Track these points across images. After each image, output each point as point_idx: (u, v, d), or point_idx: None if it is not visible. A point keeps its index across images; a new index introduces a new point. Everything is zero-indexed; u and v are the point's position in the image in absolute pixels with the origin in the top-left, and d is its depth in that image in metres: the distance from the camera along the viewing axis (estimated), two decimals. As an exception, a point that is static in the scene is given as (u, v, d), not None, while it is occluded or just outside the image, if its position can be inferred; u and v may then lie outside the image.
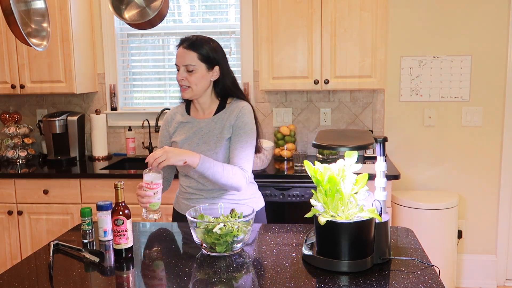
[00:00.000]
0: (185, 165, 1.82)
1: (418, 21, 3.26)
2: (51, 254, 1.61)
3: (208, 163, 1.85)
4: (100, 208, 1.71)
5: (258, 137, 2.04)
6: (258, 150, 2.07)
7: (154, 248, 1.71)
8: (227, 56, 2.12)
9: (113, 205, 1.62)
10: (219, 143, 1.96)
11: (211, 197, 2.00)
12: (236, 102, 2.02)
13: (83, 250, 1.62)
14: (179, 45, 1.98)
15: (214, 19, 3.53)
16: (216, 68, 1.98)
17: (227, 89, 2.03)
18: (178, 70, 1.98)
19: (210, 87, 2.01)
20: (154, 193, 1.77)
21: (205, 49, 1.95)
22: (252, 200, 2.06)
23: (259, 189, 2.16)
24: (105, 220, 1.72)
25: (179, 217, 2.08)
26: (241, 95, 2.06)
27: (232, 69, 2.09)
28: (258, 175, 2.87)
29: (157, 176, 1.78)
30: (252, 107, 2.04)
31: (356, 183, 1.47)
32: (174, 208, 2.15)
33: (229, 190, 1.98)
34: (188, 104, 2.12)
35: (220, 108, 2.03)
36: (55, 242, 1.69)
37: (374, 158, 3.22)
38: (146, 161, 1.80)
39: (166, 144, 2.11)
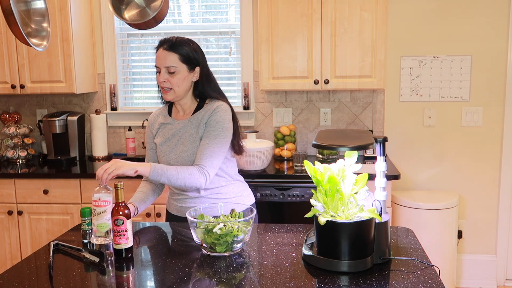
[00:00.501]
0: (136, 174, 1.80)
1: (418, 21, 3.26)
2: (51, 254, 1.61)
3: (160, 170, 1.84)
4: None
5: (237, 137, 2.02)
6: (238, 151, 2.05)
7: (154, 248, 1.71)
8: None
9: (113, 206, 1.62)
10: (195, 143, 1.96)
11: (196, 197, 2.00)
12: (213, 102, 2.01)
13: (83, 250, 1.62)
14: (158, 47, 1.97)
15: (214, 19, 3.53)
16: (197, 69, 1.98)
17: (206, 90, 2.02)
18: (158, 72, 1.96)
19: (191, 88, 2.01)
20: (101, 212, 1.65)
21: (186, 50, 1.95)
22: (238, 198, 2.06)
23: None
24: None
25: (172, 218, 2.09)
26: (219, 96, 2.04)
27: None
28: (258, 175, 2.87)
29: (106, 194, 1.66)
30: (230, 107, 2.02)
31: (356, 183, 1.47)
32: (166, 209, 2.16)
33: (189, 190, 1.99)
34: (170, 105, 2.12)
35: (198, 108, 2.02)
36: (55, 242, 1.69)
37: (374, 158, 3.22)
38: (96, 174, 1.73)
39: (152, 145, 2.12)
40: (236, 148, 2.03)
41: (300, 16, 2.98)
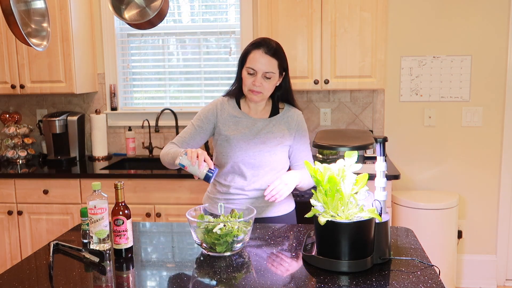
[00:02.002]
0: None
1: (418, 21, 3.26)
2: (51, 254, 1.61)
3: (302, 176, 2.01)
4: None
5: None
6: None
7: (154, 248, 1.71)
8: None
9: (113, 205, 1.62)
10: (278, 146, 2.00)
11: (253, 197, 2.02)
12: (291, 109, 2.08)
13: (83, 250, 1.62)
14: (254, 48, 1.93)
15: (214, 19, 3.53)
16: (284, 74, 2.01)
17: (286, 95, 2.07)
18: (251, 74, 1.93)
19: None
20: (98, 219, 1.62)
21: (284, 58, 1.97)
22: (286, 201, 2.09)
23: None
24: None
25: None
26: (294, 102, 2.10)
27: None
28: (258, 175, 2.87)
29: (101, 201, 1.64)
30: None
31: (356, 183, 1.47)
32: (206, 209, 2.07)
33: None
34: (237, 98, 2.08)
35: (275, 110, 2.06)
36: (55, 242, 1.69)
37: (374, 158, 3.22)
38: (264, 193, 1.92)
39: (203, 129, 2.03)
40: None
41: (300, 16, 2.98)
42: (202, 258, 1.58)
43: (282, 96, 2.07)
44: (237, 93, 2.06)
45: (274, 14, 3.00)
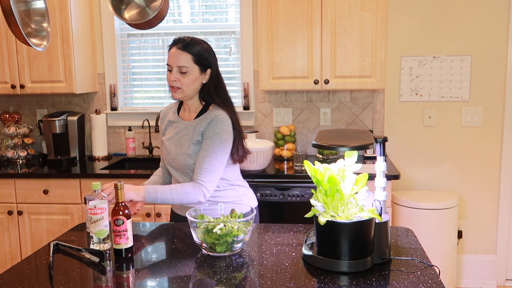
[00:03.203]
0: (131, 201, 1.85)
1: (418, 21, 3.26)
2: (51, 254, 1.61)
3: (153, 194, 1.87)
4: None
5: (236, 146, 1.97)
6: (239, 159, 2.02)
7: (154, 248, 1.71)
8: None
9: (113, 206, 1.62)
10: (189, 148, 1.95)
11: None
12: (214, 110, 1.97)
13: (83, 250, 1.62)
14: (172, 45, 1.97)
15: (214, 19, 3.53)
16: (208, 71, 1.97)
17: (212, 94, 1.99)
18: (169, 70, 1.97)
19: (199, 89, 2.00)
20: (98, 219, 1.63)
21: (199, 51, 1.93)
22: (239, 202, 2.04)
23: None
24: None
25: (176, 218, 2.09)
26: (224, 102, 2.00)
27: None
28: (258, 175, 2.87)
29: (101, 201, 1.64)
30: (234, 114, 1.99)
31: (356, 183, 1.47)
32: (171, 209, 2.16)
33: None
34: (181, 103, 2.12)
35: (202, 112, 2.00)
36: (55, 242, 1.69)
37: (374, 158, 3.22)
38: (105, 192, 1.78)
39: (162, 133, 2.13)
40: (236, 157, 2.00)
41: (300, 16, 2.98)
42: (202, 258, 1.58)
43: (207, 95, 1.99)
44: None
45: (274, 14, 3.00)
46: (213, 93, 1.99)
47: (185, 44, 1.93)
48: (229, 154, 1.96)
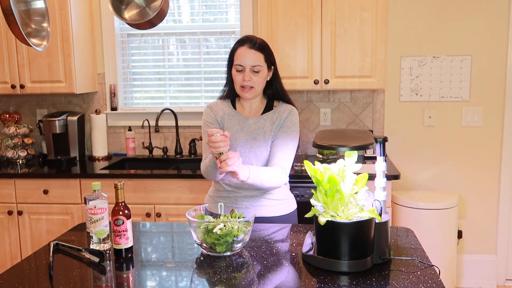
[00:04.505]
0: (234, 176, 1.79)
1: (418, 21, 3.26)
2: (51, 254, 1.61)
3: (257, 174, 1.85)
4: None
5: (298, 142, 2.09)
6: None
7: (154, 248, 1.71)
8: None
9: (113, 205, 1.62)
10: (267, 141, 2.00)
11: (250, 196, 2.02)
12: (285, 105, 2.07)
13: (83, 250, 1.62)
14: (239, 45, 1.99)
15: (214, 19, 3.53)
16: (272, 68, 2.04)
17: (278, 91, 2.07)
18: (239, 70, 1.97)
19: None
20: (98, 219, 1.63)
21: (269, 50, 2.01)
22: (286, 201, 2.09)
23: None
24: None
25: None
26: (289, 99, 2.10)
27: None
28: (258, 175, 2.87)
29: (101, 201, 1.64)
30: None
31: (356, 183, 1.47)
32: (206, 209, 1.97)
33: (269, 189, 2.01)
34: (232, 100, 2.11)
35: (268, 108, 2.06)
36: (55, 242, 1.69)
37: (374, 158, 3.22)
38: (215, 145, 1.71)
39: (214, 126, 2.05)
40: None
41: (300, 16, 2.98)
42: (202, 258, 1.58)
43: (274, 93, 2.08)
44: (230, 95, 2.10)
45: (274, 14, 3.00)
46: (281, 90, 2.08)
47: (258, 44, 1.98)
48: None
